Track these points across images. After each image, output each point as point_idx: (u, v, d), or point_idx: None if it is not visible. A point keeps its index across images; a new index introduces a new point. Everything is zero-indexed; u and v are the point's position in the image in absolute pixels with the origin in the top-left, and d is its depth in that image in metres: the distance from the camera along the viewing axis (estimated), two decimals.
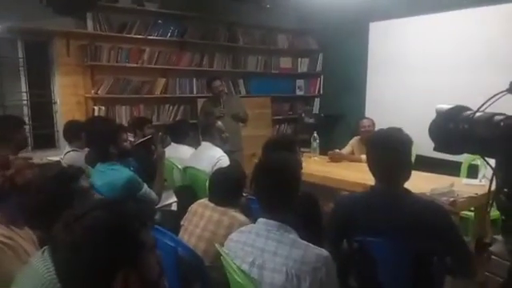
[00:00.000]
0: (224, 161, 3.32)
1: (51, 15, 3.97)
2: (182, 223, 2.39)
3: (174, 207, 3.27)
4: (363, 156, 3.21)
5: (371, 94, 5.47)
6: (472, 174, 3.52)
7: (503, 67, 3.93)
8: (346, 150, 4.38)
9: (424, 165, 3.31)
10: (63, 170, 1.70)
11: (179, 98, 5.43)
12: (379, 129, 2.09)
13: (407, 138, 1.79)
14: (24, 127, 3.22)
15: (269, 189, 1.62)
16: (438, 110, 1.15)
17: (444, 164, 3.04)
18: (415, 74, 4.88)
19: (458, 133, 1.09)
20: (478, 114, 1.07)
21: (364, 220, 1.74)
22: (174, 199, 3.29)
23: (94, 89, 4.79)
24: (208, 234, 2.20)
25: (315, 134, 4.52)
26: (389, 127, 1.85)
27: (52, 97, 4.69)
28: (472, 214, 3.23)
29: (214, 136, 3.57)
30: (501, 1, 4.09)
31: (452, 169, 3.49)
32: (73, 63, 4.67)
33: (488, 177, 1.14)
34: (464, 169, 3.77)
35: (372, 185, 1.83)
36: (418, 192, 2.12)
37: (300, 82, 6.67)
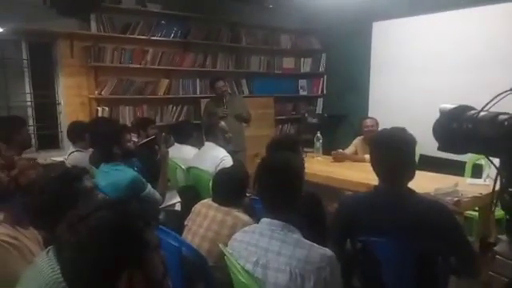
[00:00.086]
0: (227, 161, 3.32)
1: (55, 16, 3.97)
2: (186, 223, 2.40)
3: (178, 207, 3.27)
4: (367, 156, 3.21)
5: (374, 94, 5.45)
6: (476, 174, 3.51)
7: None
8: (350, 150, 4.38)
9: (428, 164, 3.30)
10: (67, 171, 1.70)
11: (182, 99, 5.44)
12: (383, 128, 2.08)
13: (411, 138, 1.78)
14: (26, 127, 3.24)
15: (272, 189, 1.62)
16: (442, 110, 1.15)
17: (448, 164, 3.04)
18: (419, 74, 4.85)
19: (462, 132, 1.09)
20: (482, 114, 1.07)
21: (368, 220, 1.74)
22: (178, 199, 3.30)
23: (98, 89, 4.81)
24: (212, 234, 2.21)
25: (318, 134, 4.51)
26: (392, 127, 1.85)
27: (56, 98, 4.71)
28: (476, 214, 3.22)
29: (218, 136, 3.58)
30: None
31: (456, 168, 3.48)
32: (76, 64, 4.69)
33: (492, 176, 1.13)
34: (468, 168, 3.75)
35: (376, 185, 1.82)
36: (422, 192, 2.11)
37: (303, 82, 6.66)
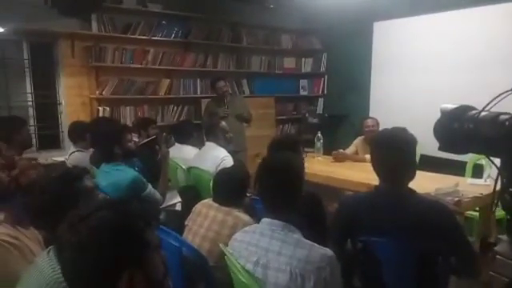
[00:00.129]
0: (228, 161, 3.32)
1: (56, 16, 3.98)
2: (187, 223, 2.40)
3: (179, 207, 3.27)
4: (367, 156, 3.21)
5: (375, 94, 5.45)
6: (477, 174, 3.50)
7: None
8: (350, 150, 4.38)
9: (429, 164, 3.30)
10: (68, 171, 1.70)
11: (183, 99, 5.44)
12: (383, 128, 2.08)
13: (412, 138, 1.78)
14: (26, 127, 3.24)
15: (272, 189, 1.62)
16: (443, 110, 1.15)
17: (449, 164, 3.03)
18: (420, 74, 4.85)
19: (463, 132, 1.09)
20: (483, 114, 1.06)
21: (368, 220, 1.74)
22: (179, 199, 3.30)
23: (99, 90, 4.81)
24: (212, 234, 2.21)
25: (319, 134, 4.51)
26: (393, 127, 1.85)
27: (57, 98, 4.71)
28: (477, 214, 3.22)
29: (218, 136, 3.58)
30: None
31: (457, 168, 3.48)
32: (77, 64, 4.69)
33: (493, 176, 1.13)
34: (469, 168, 3.75)
35: (376, 185, 1.82)
36: (423, 192, 2.12)
37: (304, 82, 6.66)
